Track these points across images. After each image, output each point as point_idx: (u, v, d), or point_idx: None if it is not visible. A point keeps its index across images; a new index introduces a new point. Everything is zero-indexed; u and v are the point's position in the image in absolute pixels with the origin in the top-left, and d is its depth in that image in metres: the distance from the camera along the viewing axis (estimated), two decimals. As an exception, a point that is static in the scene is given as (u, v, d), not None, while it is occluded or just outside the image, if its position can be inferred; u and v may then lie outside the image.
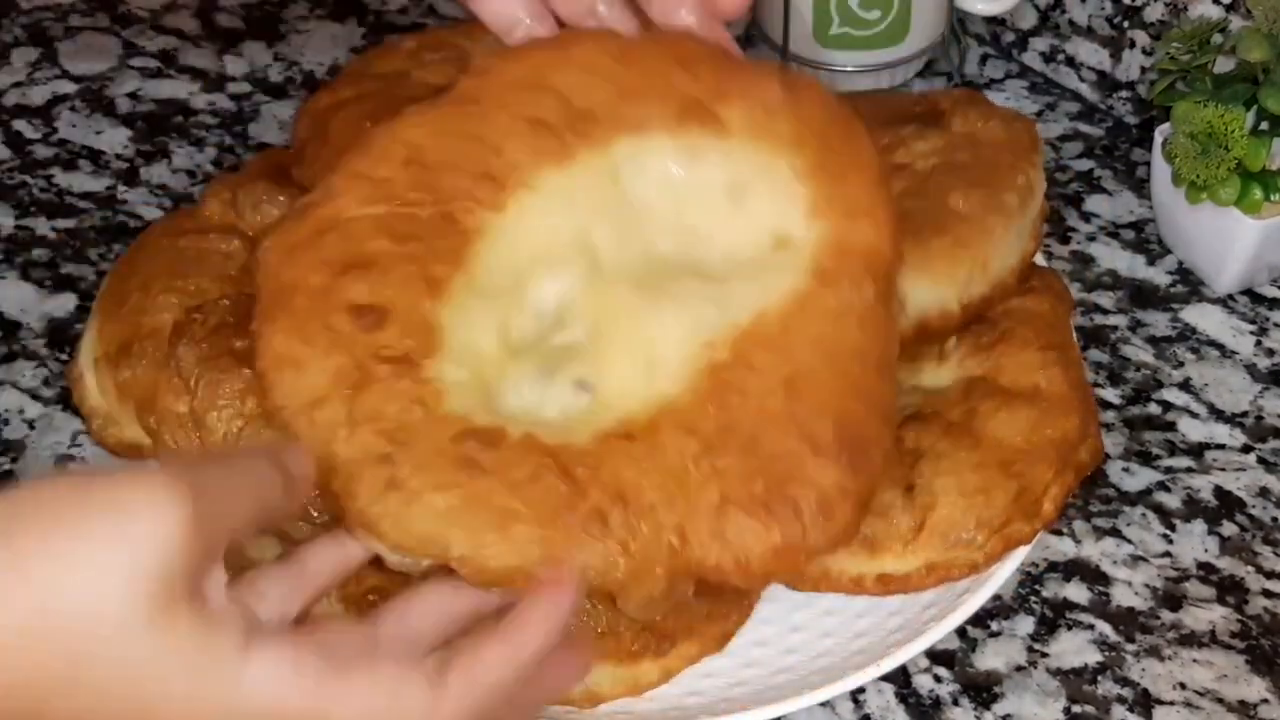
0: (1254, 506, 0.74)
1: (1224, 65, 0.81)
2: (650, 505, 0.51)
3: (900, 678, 0.67)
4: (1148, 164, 0.92)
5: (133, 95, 1.01)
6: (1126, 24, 0.94)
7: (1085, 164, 0.95)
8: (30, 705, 0.39)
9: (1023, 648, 0.68)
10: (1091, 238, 0.90)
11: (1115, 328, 0.84)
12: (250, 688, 0.41)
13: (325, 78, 1.00)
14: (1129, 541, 0.73)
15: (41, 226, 0.91)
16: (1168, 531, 0.73)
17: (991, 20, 1.03)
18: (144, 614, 0.39)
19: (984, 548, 0.64)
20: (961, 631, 0.68)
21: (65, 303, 0.86)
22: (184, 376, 0.63)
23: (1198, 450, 0.77)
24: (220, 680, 0.41)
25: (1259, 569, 0.71)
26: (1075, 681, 0.67)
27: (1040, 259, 0.75)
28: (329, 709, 0.42)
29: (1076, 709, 0.65)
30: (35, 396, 0.80)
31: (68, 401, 0.79)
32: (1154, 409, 0.79)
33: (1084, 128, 0.98)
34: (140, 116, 0.99)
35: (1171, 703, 0.66)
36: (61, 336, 0.83)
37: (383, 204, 0.56)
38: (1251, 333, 0.83)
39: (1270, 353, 0.82)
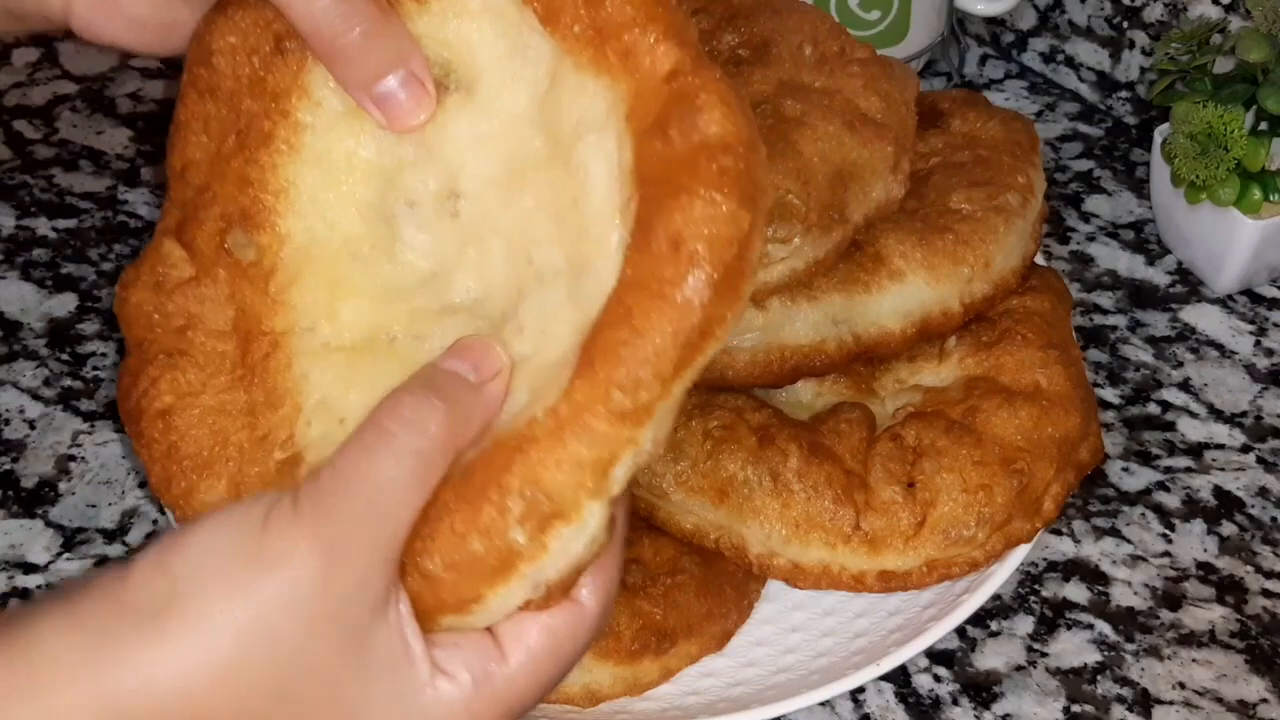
0: (1253, 506, 0.74)
1: (1223, 65, 0.82)
2: None
3: (900, 677, 0.67)
4: (1147, 164, 0.92)
5: (133, 95, 1.01)
6: (1126, 24, 0.94)
7: (1085, 164, 0.95)
8: None
9: (1022, 647, 0.68)
10: (1091, 238, 0.90)
11: (1115, 328, 0.84)
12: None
13: (325, 78, 1.00)
14: (1128, 541, 0.73)
15: (42, 226, 0.91)
16: (1167, 531, 0.73)
17: (991, 20, 1.03)
18: (339, 643, 0.41)
19: (984, 545, 0.65)
20: (961, 631, 0.68)
21: (66, 302, 0.86)
22: None
23: (1197, 450, 0.77)
24: (415, 701, 0.42)
25: (1258, 569, 0.71)
26: (1075, 681, 0.67)
27: (1040, 259, 0.75)
28: None
29: (1076, 708, 0.65)
30: (36, 396, 0.80)
31: (68, 401, 0.80)
32: (1153, 409, 0.79)
33: (1083, 128, 0.98)
34: (140, 116, 0.99)
35: (1171, 702, 0.66)
36: (62, 336, 0.84)
37: None
38: (1251, 333, 0.84)
39: (1269, 353, 0.82)
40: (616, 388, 0.41)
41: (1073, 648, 0.68)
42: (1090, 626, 0.69)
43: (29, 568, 0.71)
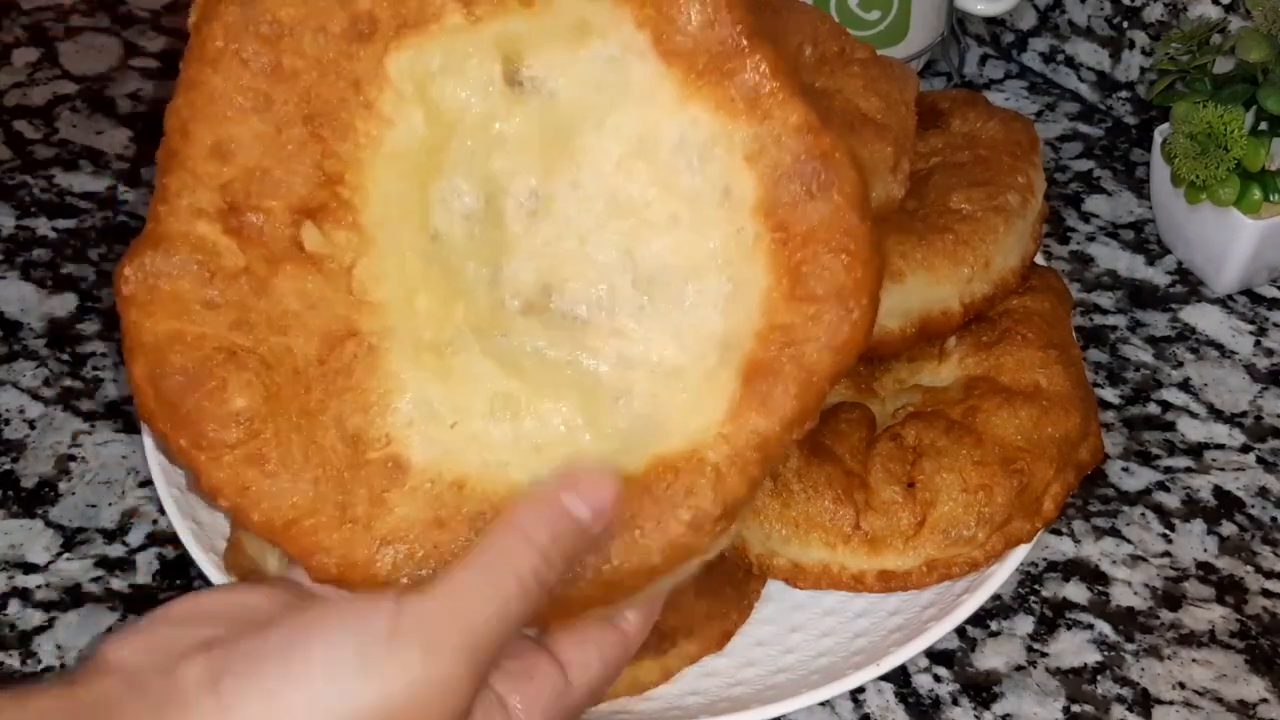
0: (1253, 506, 0.74)
1: (1223, 65, 0.82)
2: None
3: (900, 677, 0.67)
4: (1147, 164, 0.92)
5: (133, 95, 1.01)
6: (1126, 24, 0.94)
7: (1085, 164, 0.95)
8: None
9: (1022, 647, 0.68)
10: (1091, 238, 0.90)
11: (1115, 328, 0.84)
12: None
13: (325, 78, 1.00)
14: (1128, 541, 0.73)
15: (42, 226, 0.91)
16: (1167, 531, 0.73)
17: (991, 20, 1.03)
18: None
19: (984, 545, 0.65)
20: (961, 631, 0.68)
21: (66, 302, 0.86)
22: None
23: (1197, 450, 0.77)
24: None
25: (1258, 569, 0.71)
26: (1075, 681, 0.67)
27: (1040, 259, 0.75)
28: None
29: (1076, 709, 0.65)
30: (35, 396, 0.80)
31: (68, 401, 0.80)
32: (1153, 409, 0.79)
33: (1083, 128, 0.98)
34: (140, 116, 0.99)
35: (1171, 702, 0.66)
36: (62, 336, 0.84)
37: None
38: (1251, 333, 0.84)
39: (1269, 353, 0.82)
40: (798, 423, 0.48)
41: (1073, 648, 0.68)
42: (1090, 626, 0.69)
43: (29, 568, 0.72)
